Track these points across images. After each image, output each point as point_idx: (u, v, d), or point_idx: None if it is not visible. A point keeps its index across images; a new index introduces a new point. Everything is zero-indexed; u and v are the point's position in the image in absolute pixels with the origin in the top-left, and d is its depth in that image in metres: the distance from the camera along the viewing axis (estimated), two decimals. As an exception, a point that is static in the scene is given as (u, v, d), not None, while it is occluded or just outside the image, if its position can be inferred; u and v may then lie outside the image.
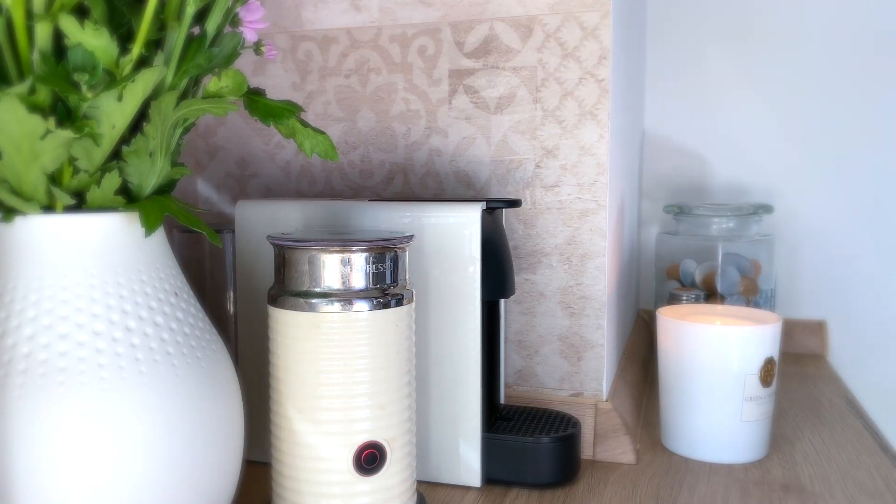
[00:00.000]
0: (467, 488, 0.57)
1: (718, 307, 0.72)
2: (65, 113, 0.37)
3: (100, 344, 0.38)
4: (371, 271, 0.46)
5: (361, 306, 0.45)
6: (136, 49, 0.37)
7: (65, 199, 0.38)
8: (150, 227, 0.40)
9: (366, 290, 0.46)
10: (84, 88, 0.36)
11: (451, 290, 0.55)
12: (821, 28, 1.01)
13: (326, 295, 0.45)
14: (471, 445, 0.56)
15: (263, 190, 0.75)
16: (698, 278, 0.94)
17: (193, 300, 0.44)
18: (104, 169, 0.39)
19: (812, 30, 1.01)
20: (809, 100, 1.02)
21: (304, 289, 0.46)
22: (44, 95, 0.36)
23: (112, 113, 0.37)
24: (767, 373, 0.62)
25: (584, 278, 0.65)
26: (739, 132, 1.05)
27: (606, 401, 0.64)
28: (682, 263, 0.96)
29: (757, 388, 0.61)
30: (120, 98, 0.37)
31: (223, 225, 0.71)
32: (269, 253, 0.49)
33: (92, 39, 0.36)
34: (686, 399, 0.63)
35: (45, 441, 0.36)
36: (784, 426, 0.70)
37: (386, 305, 0.46)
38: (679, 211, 0.96)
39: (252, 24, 0.45)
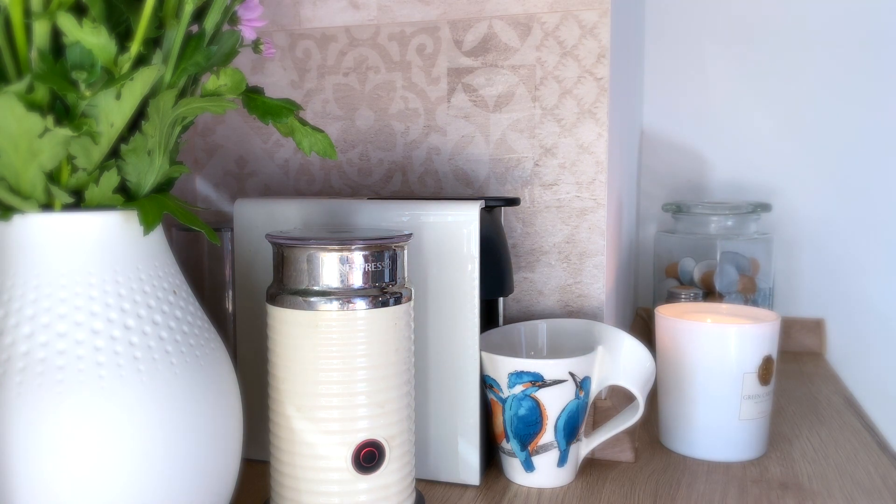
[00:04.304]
0: (466, 486, 0.57)
1: (717, 305, 0.72)
2: (63, 111, 0.37)
3: (98, 342, 0.38)
4: (369, 270, 0.46)
5: (360, 305, 0.45)
6: (135, 47, 0.37)
7: (63, 197, 0.38)
8: (148, 226, 0.39)
9: (364, 288, 0.46)
10: (82, 87, 0.36)
11: (449, 289, 0.55)
12: (819, 26, 1.01)
13: (325, 293, 0.45)
14: (469, 444, 0.56)
15: (262, 188, 0.75)
16: (697, 277, 0.94)
17: (192, 298, 0.44)
18: (103, 167, 0.39)
19: (810, 28, 1.01)
20: (808, 98, 1.02)
21: (303, 287, 0.46)
22: (42, 93, 0.36)
23: (110, 111, 0.37)
24: (766, 371, 0.62)
25: (582, 277, 0.65)
26: (738, 130, 1.05)
27: (605, 399, 0.64)
28: (680, 262, 0.96)
29: (755, 387, 0.61)
30: (118, 96, 0.37)
31: (222, 223, 0.71)
32: (267, 251, 0.49)
33: (90, 37, 0.36)
34: (684, 397, 0.63)
35: (44, 439, 0.36)
36: (782, 424, 0.71)
37: (385, 304, 0.46)
38: (677, 209, 0.96)
39: (250, 23, 0.45)
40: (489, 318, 0.62)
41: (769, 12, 1.03)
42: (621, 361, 0.57)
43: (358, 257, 0.45)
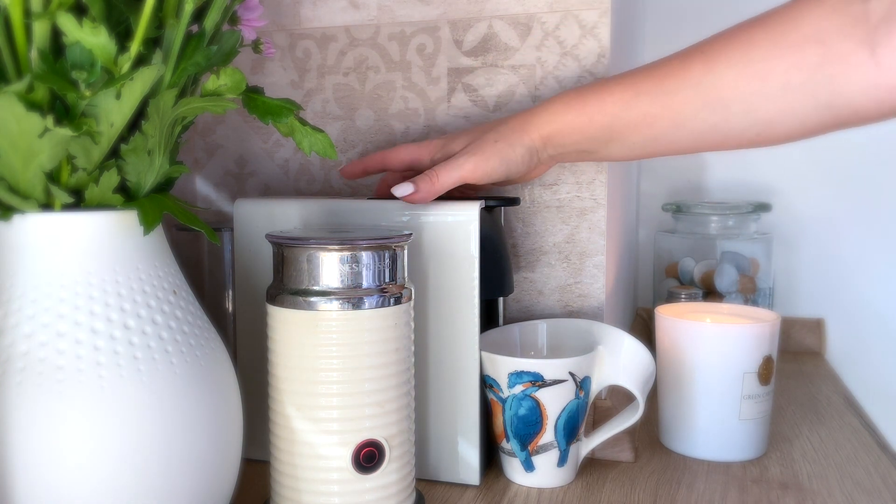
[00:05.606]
0: (466, 486, 0.57)
1: (717, 305, 0.72)
2: (63, 111, 0.37)
3: (98, 342, 0.38)
4: (369, 270, 0.46)
5: (360, 304, 0.45)
6: (135, 47, 0.37)
7: (63, 197, 0.38)
8: (148, 226, 0.40)
9: (364, 288, 0.46)
10: (82, 86, 0.36)
11: (449, 289, 0.55)
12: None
13: (325, 293, 0.45)
14: (469, 443, 0.56)
15: (262, 188, 0.75)
16: (697, 276, 0.94)
17: (192, 298, 0.44)
18: (102, 167, 0.39)
19: (810, 28, 1.01)
20: (808, 98, 1.02)
21: (303, 287, 0.46)
22: (42, 93, 0.36)
23: (110, 111, 0.37)
24: (766, 371, 0.62)
25: (582, 277, 0.65)
26: (738, 130, 1.05)
27: (604, 399, 0.64)
28: (680, 262, 0.96)
29: (755, 387, 0.61)
30: (118, 96, 0.37)
31: (222, 223, 0.71)
32: (267, 251, 0.49)
33: (90, 37, 0.36)
34: (684, 397, 0.63)
35: (43, 439, 0.36)
36: (782, 424, 0.71)
37: (384, 304, 0.46)
38: (677, 209, 0.96)
39: (250, 22, 0.45)
40: (489, 318, 0.62)
41: (769, 12, 1.03)
42: (621, 361, 0.57)
43: (358, 257, 0.45)
